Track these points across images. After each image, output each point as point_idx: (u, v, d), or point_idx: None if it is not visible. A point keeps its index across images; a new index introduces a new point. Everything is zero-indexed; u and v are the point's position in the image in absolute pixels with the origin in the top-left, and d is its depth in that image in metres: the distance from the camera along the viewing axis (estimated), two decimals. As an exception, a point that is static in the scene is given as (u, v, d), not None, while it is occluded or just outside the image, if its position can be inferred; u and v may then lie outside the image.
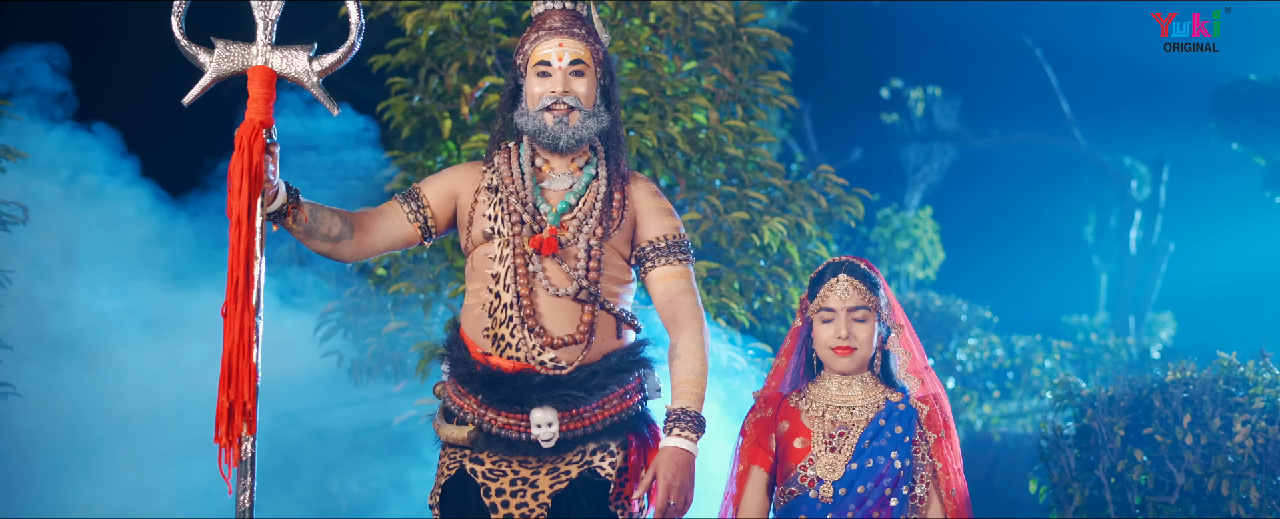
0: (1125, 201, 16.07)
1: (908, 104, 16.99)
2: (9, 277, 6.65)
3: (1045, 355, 12.00)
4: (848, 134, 17.90)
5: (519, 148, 4.07)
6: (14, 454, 6.48)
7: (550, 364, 3.94)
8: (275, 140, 3.71)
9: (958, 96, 16.98)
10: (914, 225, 15.93)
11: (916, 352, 4.04)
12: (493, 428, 3.95)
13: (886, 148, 17.44)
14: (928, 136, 17.05)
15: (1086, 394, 5.95)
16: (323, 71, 3.76)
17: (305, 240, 3.92)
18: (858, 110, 17.41)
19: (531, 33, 4.03)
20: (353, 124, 7.50)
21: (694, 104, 6.50)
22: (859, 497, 3.89)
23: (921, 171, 17.07)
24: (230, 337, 3.65)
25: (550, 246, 3.94)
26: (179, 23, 3.75)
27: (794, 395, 4.07)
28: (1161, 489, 5.71)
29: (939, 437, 3.97)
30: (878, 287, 4.01)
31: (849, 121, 17.74)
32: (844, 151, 17.98)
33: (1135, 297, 15.79)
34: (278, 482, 6.97)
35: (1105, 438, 5.74)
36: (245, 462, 3.71)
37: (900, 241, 15.85)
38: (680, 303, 4.06)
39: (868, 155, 17.95)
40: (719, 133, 6.47)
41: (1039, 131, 16.88)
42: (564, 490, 3.97)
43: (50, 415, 6.53)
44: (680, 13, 6.53)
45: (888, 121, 17.22)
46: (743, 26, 6.59)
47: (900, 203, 16.87)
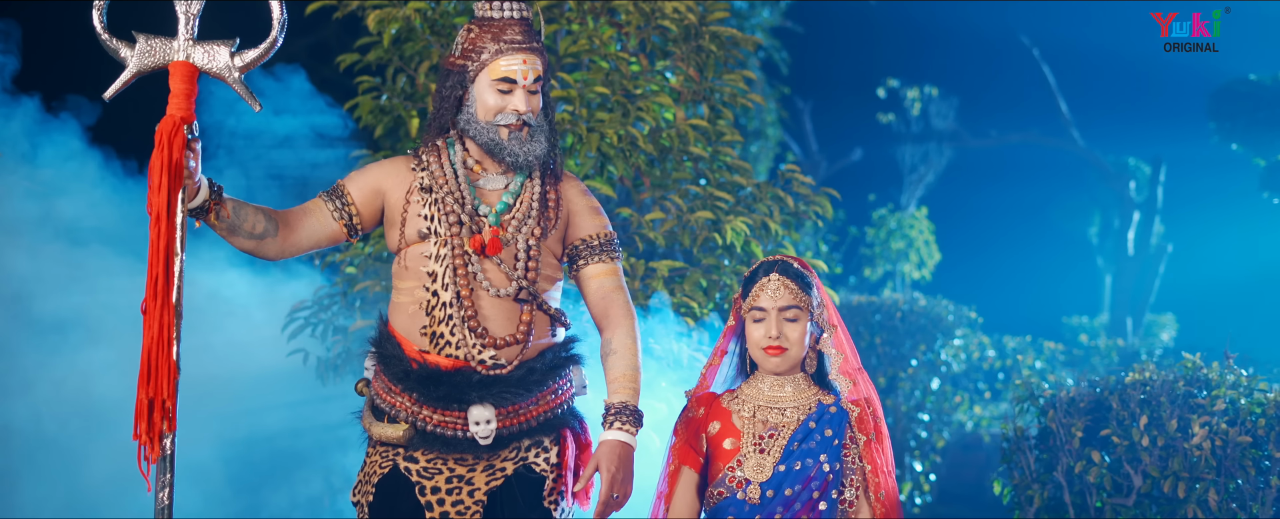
0: (1124, 202, 16.01)
1: (904, 104, 16.95)
2: None
3: (1036, 356, 11.96)
4: (847, 134, 17.87)
5: (448, 146, 4.05)
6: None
7: (489, 363, 3.96)
8: (196, 136, 3.69)
9: (955, 96, 16.94)
10: (910, 225, 15.90)
11: (849, 353, 4.01)
12: (427, 426, 3.96)
13: (884, 148, 17.40)
14: (924, 136, 17.01)
15: (1048, 395, 5.90)
16: (244, 67, 3.74)
17: (228, 237, 3.90)
18: (857, 110, 17.38)
19: (488, 40, 3.96)
20: (328, 120, 7.48)
21: (658, 103, 6.47)
22: (786, 499, 3.86)
23: (918, 172, 17.03)
24: (149, 333, 3.64)
25: (495, 248, 3.97)
26: (100, 16, 3.73)
27: (727, 395, 4.04)
28: (1120, 491, 5.67)
29: (869, 439, 3.94)
30: (811, 286, 3.98)
31: (848, 121, 17.72)
32: (844, 151, 17.95)
33: (1133, 298, 15.74)
34: (245, 480, 6.95)
35: (1064, 439, 5.71)
36: (165, 458, 3.69)
37: (895, 242, 15.80)
38: (613, 300, 4.12)
39: (868, 155, 17.92)
40: (682, 131, 6.43)
41: (1037, 131, 16.84)
42: (500, 487, 4.00)
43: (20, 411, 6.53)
44: (641, 11, 6.50)
45: (884, 121, 17.18)
46: (706, 25, 6.56)
47: (896, 203, 16.82)
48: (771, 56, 15.55)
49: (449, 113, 4.01)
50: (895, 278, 16.04)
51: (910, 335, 10.23)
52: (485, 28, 3.98)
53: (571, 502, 4.10)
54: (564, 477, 4.08)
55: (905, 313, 10.27)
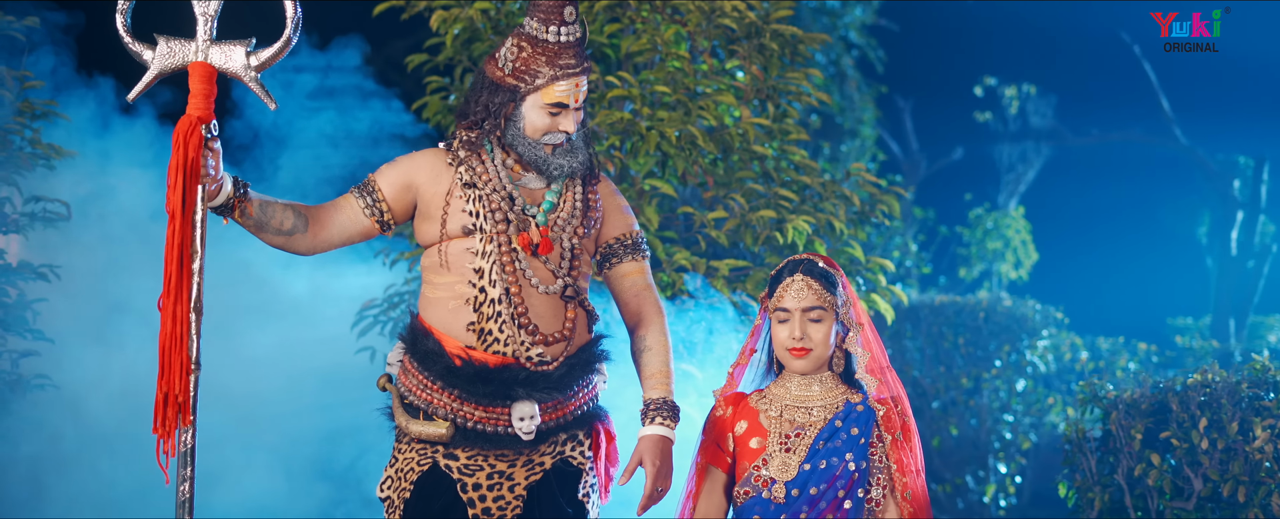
0: (1227, 201, 15.67)
1: (1002, 102, 16.73)
2: (57, 271, 6.77)
3: (1130, 358, 11.74)
4: (948, 132, 17.67)
5: (486, 147, 4.05)
6: (47, 446, 6.60)
7: (536, 359, 3.99)
8: (215, 135, 3.72)
9: (1053, 94, 16.69)
10: (1006, 225, 15.71)
11: (876, 351, 3.96)
12: (469, 422, 3.98)
13: (984, 147, 17.18)
14: (1022, 135, 16.77)
15: (1111, 397, 5.79)
16: (260, 66, 3.77)
17: (257, 234, 3.94)
18: (956, 109, 17.18)
19: (542, 64, 3.97)
20: (400, 119, 7.53)
21: (720, 101, 6.43)
22: (811, 498, 3.82)
23: (1015, 171, 16.80)
24: (165, 330, 3.68)
25: (546, 248, 4.01)
26: (124, 19, 3.77)
27: (755, 395, 4.01)
28: (1180, 495, 5.54)
29: (896, 438, 3.89)
30: (836, 286, 3.92)
31: (949, 120, 17.52)
32: (945, 150, 17.76)
33: (1236, 299, 15.40)
34: (316, 476, 7.02)
35: (1123, 442, 5.59)
36: (184, 453, 3.72)
37: (992, 242, 15.62)
38: (645, 298, 4.20)
39: (969, 154, 17.71)
40: (743, 130, 6.39)
41: (1139, 130, 16.52)
42: (538, 481, 4.05)
43: (84, 407, 6.64)
44: (701, 10, 6.46)
45: (981, 120, 16.96)
46: (769, 24, 6.51)
47: (993, 202, 16.60)
48: (866, 55, 15.43)
49: (496, 123, 4.01)
50: (991, 278, 15.83)
51: (995, 336, 10.09)
52: (539, 49, 3.97)
53: (604, 495, 4.19)
54: (598, 469, 4.17)
55: (989, 313, 10.13)
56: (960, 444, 10.10)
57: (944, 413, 10.17)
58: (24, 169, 6.69)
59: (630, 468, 3.99)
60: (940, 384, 10.19)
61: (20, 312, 6.66)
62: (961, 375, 10.04)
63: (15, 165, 6.64)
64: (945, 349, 10.23)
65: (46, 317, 6.74)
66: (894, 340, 10.54)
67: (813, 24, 14.21)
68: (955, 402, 10.10)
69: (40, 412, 6.64)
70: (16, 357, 6.61)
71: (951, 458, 10.15)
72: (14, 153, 6.63)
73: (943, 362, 10.24)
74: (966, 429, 10.05)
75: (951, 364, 10.19)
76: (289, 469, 6.87)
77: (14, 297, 6.65)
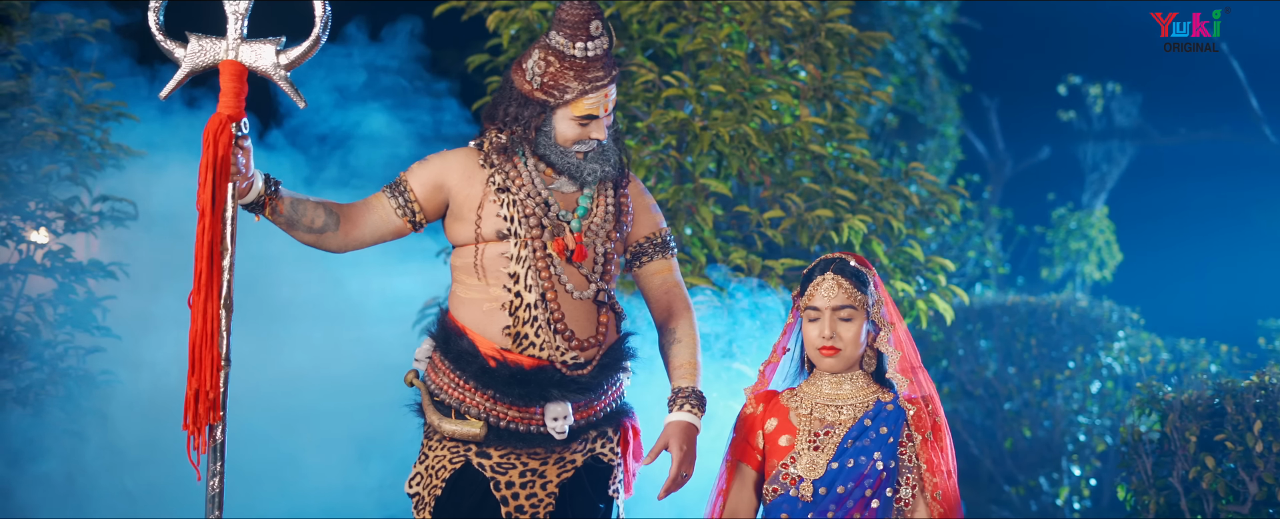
0: (1318, 201, 15.39)
1: (1086, 101, 16.51)
2: (125, 269, 6.88)
3: (1211, 360, 11.55)
4: (1033, 132, 17.47)
5: (518, 152, 4.07)
6: (113, 440, 6.70)
7: (570, 363, 4.02)
8: (246, 133, 3.76)
9: (1138, 93, 16.44)
10: (1090, 225, 15.50)
11: (908, 350, 3.93)
12: (502, 422, 4.00)
13: (1068, 146, 16.96)
14: (1107, 134, 16.55)
15: (1168, 399, 5.70)
16: (289, 65, 3.80)
17: (289, 231, 3.98)
18: (1041, 108, 16.98)
19: (571, 79, 3.98)
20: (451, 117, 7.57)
21: (776, 100, 6.41)
22: (839, 497, 3.80)
23: (1099, 170, 16.58)
24: (195, 327, 3.72)
25: (581, 255, 4.04)
26: (156, 18, 3.82)
27: (786, 393, 4.00)
28: (1236, 498, 5.45)
29: (926, 438, 3.86)
30: (867, 284, 3.90)
31: (1035, 119, 17.32)
32: (1031, 149, 17.56)
33: (1326, 301, 15.12)
34: (372, 474, 7.05)
35: (1178, 444, 5.51)
36: (214, 448, 3.77)
37: (1075, 242, 15.42)
38: (675, 294, 4.24)
39: (1054, 153, 17.50)
40: (799, 129, 6.36)
41: (1227, 128, 16.27)
42: (570, 479, 4.09)
43: (150, 403, 6.72)
44: (755, 9, 6.44)
45: (1064, 119, 16.75)
46: (825, 23, 6.48)
47: (1077, 202, 16.40)
48: (947, 54, 15.30)
49: (529, 130, 4.03)
50: (1075, 279, 15.63)
51: (1068, 337, 9.96)
52: (567, 64, 3.99)
53: (628, 490, 4.22)
54: (625, 464, 4.21)
55: (1062, 314, 10.01)
56: (1034, 446, 9.98)
57: (1017, 414, 10.06)
58: (93, 169, 6.80)
59: (655, 451, 4.01)
60: (1013, 385, 10.08)
61: (89, 309, 6.77)
62: (1034, 376, 9.92)
63: (85, 165, 6.76)
64: (1018, 350, 10.12)
65: (115, 313, 6.85)
66: (966, 341, 10.44)
67: (893, 23, 14.13)
68: (1028, 403, 9.98)
69: (109, 406, 6.76)
70: (84, 353, 6.72)
71: (1025, 460, 10.04)
72: (83, 153, 6.75)
73: (1015, 362, 10.13)
74: (1040, 431, 9.94)
75: (1024, 365, 10.07)
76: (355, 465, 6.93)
77: (82, 294, 6.77)
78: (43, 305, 6.68)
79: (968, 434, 10.59)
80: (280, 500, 6.71)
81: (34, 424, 6.52)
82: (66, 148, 6.70)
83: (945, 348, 10.81)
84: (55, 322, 6.68)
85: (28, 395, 6.57)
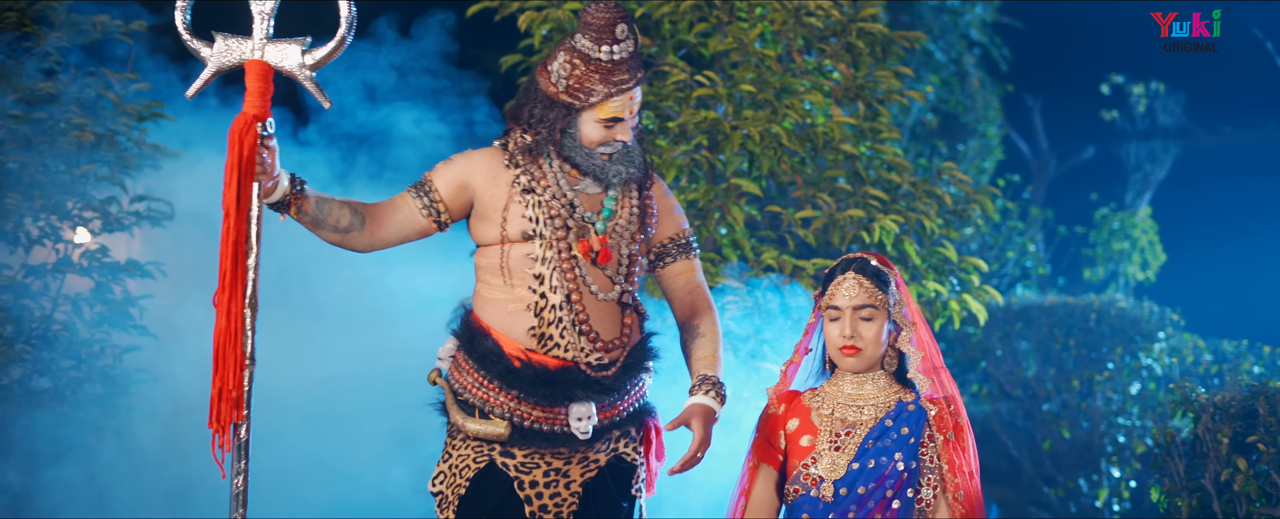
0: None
1: (1129, 100, 16.40)
2: (162, 269, 6.93)
3: (1254, 361, 11.46)
4: (1077, 131, 17.37)
5: (544, 154, 4.08)
6: (151, 438, 6.76)
7: (595, 364, 4.04)
8: (271, 133, 3.79)
9: (1182, 92, 16.32)
10: (1133, 226, 15.40)
11: (930, 351, 3.92)
12: (526, 422, 4.01)
13: (1112, 145, 16.86)
14: (1151, 134, 16.43)
15: (1201, 400, 5.66)
16: (315, 65, 3.82)
17: (314, 231, 4.00)
18: (1084, 107, 16.87)
19: (597, 82, 3.99)
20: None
21: (808, 100, 6.40)
22: (860, 497, 3.80)
23: (1143, 170, 16.46)
24: (219, 326, 3.75)
25: (605, 257, 4.05)
26: (183, 17, 3.85)
27: (808, 393, 4.00)
28: (1270, 500, 5.41)
29: (947, 438, 3.84)
30: (889, 284, 3.89)
31: (1078, 119, 17.21)
32: (1075, 149, 17.47)
33: (1375, 302, 14.99)
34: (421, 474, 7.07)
35: (1210, 446, 5.47)
36: (238, 446, 3.79)
37: (1118, 242, 15.33)
38: (699, 293, 4.27)
39: (1099, 153, 17.40)
40: (830, 129, 6.35)
41: (1273, 126, 16.14)
42: (594, 478, 4.10)
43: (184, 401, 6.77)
44: (785, 8, 6.44)
45: (1108, 119, 16.63)
46: (855, 22, 6.47)
47: (1120, 202, 16.28)
48: (989, 53, 15.24)
49: (554, 131, 4.04)
50: (1118, 279, 15.53)
51: (1107, 338, 9.91)
52: (592, 67, 3.99)
53: (649, 489, 4.24)
54: (648, 464, 4.23)
55: (1101, 314, 9.95)
56: (1073, 447, 9.94)
57: (1056, 416, 10.02)
58: (131, 169, 6.86)
59: (676, 423, 4.02)
60: (1051, 386, 10.04)
61: (126, 308, 6.83)
62: (1073, 378, 9.88)
63: (123, 166, 6.82)
64: (1057, 351, 10.07)
65: (152, 312, 6.90)
66: (1005, 342, 10.40)
67: (933, 22, 14.08)
68: (1067, 404, 9.94)
69: (145, 404, 6.81)
70: (120, 351, 6.78)
71: (1063, 461, 10.00)
72: (120, 153, 6.81)
73: (1054, 363, 10.08)
74: (1079, 432, 9.89)
75: (1063, 366, 10.02)
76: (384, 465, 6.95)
77: (119, 294, 6.82)
78: (80, 304, 6.74)
79: (1006, 435, 10.56)
80: (311, 501, 6.75)
81: (70, 421, 6.58)
82: (103, 148, 6.75)
83: (984, 349, 10.77)
84: (91, 320, 6.73)
85: (65, 393, 6.64)
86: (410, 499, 6.86)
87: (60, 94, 6.66)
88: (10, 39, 6.75)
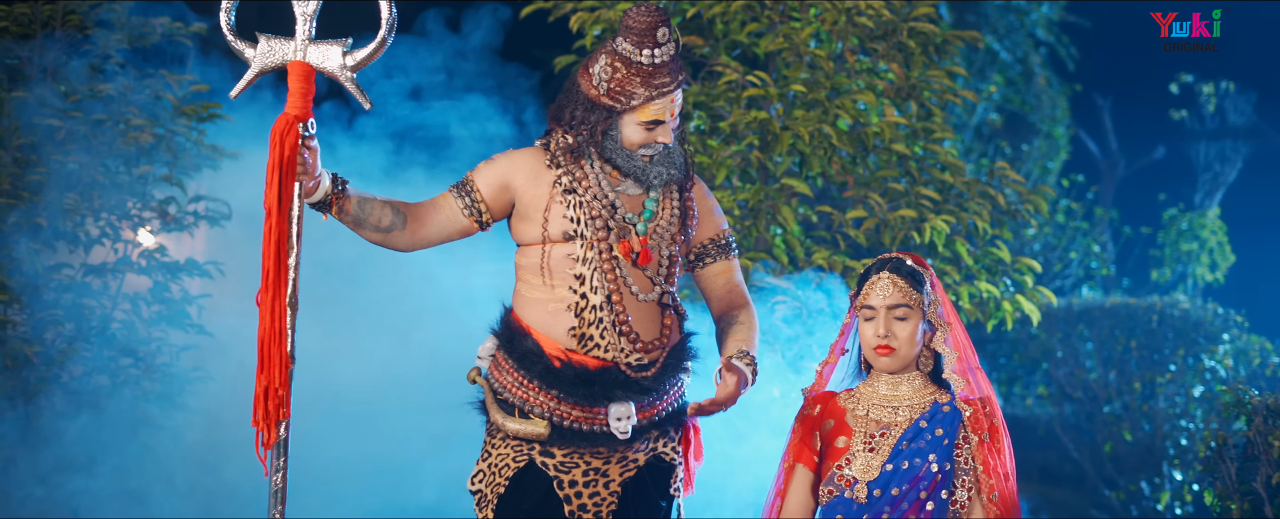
0: None
1: (1199, 100, 16.22)
2: (221, 268, 7.02)
3: (1324, 363, 11.32)
4: (1148, 131, 17.20)
5: (584, 152, 4.10)
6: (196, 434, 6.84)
7: (635, 364, 4.06)
8: (313, 134, 3.82)
9: (1253, 91, 16.13)
10: (1201, 227, 15.24)
11: (965, 351, 3.90)
12: (565, 422, 4.04)
13: (1181, 145, 16.68)
14: (1221, 133, 16.24)
15: (1254, 403, 5.61)
16: (355, 66, 3.85)
17: (356, 230, 4.04)
18: (1154, 107, 16.71)
19: (638, 85, 4.01)
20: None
21: (860, 100, 6.40)
22: (893, 499, 3.79)
23: (1212, 170, 16.27)
24: (263, 325, 3.79)
25: (645, 258, 4.07)
26: (227, 18, 3.90)
27: (844, 394, 3.99)
28: (1322, 505, 5.36)
29: (982, 439, 3.83)
30: (924, 284, 3.89)
31: (1148, 119, 17.05)
32: (1146, 149, 17.31)
33: None
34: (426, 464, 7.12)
35: (1261, 449, 5.42)
36: (279, 444, 3.84)
37: (1186, 243, 15.17)
38: (737, 292, 4.29)
39: (1170, 153, 17.24)
40: (880, 129, 6.34)
41: (1348, 126, 15.95)
42: (633, 478, 4.12)
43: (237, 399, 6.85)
44: (836, 8, 6.43)
45: (1176, 118, 16.45)
46: (908, 22, 6.45)
47: (1189, 203, 16.10)
48: (1056, 52, 15.12)
49: (595, 132, 4.06)
50: (1186, 281, 15.37)
51: (1170, 340, 9.81)
52: (633, 70, 4.01)
53: (688, 488, 4.25)
54: (686, 463, 4.24)
55: (1163, 316, 9.85)
56: (1134, 450, 9.85)
57: (1117, 418, 9.93)
58: (190, 170, 6.95)
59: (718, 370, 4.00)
60: (1113, 388, 9.96)
61: (183, 307, 6.92)
62: (1135, 379, 9.79)
63: (182, 167, 6.91)
64: (1118, 352, 9.99)
65: (211, 311, 6.99)
66: (1065, 343, 10.33)
67: (998, 21, 14.00)
68: (1128, 406, 9.85)
69: (201, 401, 6.90)
70: (177, 350, 6.87)
71: (1125, 464, 9.92)
72: (179, 154, 6.90)
73: (1115, 365, 10.00)
74: (1140, 434, 9.80)
75: (1124, 368, 9.94)
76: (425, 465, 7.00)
77: (177, 293, 6.91)
78: (139, 303, 6.83)
79: (1067, 437, 10.48)
80: (351, 501, 6.81)
81: (128, 418, 6.68)
82: (162, 148, 6.85)
83: (1044, 350, 10.70)
84: (150, 319, 6.83)
85: (122, 390, 6.73)
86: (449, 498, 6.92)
87: (119, 95, 6.76)
88: (71, 42, 6.86)
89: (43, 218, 6.50)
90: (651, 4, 4.04)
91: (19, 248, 6.46)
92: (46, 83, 6.78)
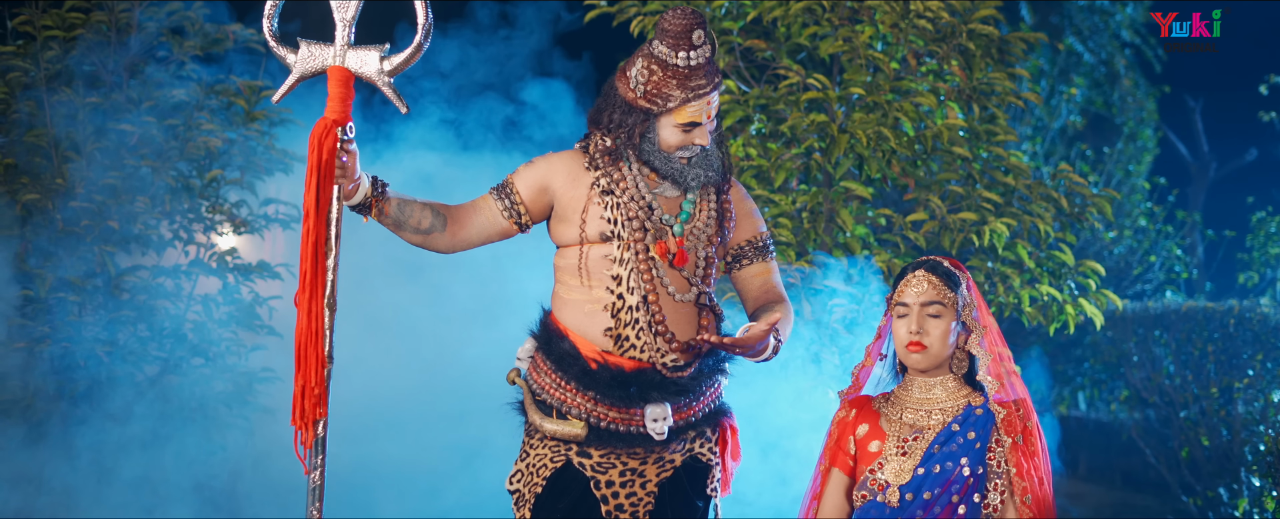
0: None
1: (1290, 101, 15.97)
2: (291, 270, 7.13)
3: None
4: (1239, 133, 16.96)
5: (622, 155, 4.14)
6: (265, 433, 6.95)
7: (670, 365, 4.10)
8: (351, 137, 3.89)
9: (1343, 91, 15.88)
10: (1290, 230, 14.98)
11: (1000, 354, 3.89)
12: (602, 423, 4.08)
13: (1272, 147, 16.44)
14: (1311, 135, 15.99)
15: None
16: (393, 71, 3.92)
17: (396, 232, 4.11)
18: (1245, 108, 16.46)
19: (674, 88, 4.05)
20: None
21: (920, 102, 6.38)
22: (925, 502, 3.79)
23: (1301, 172, 16.03)
24: (301, 326, 3.86)
25: (682, 259, 4.11)
26: (270, 24, 3.98)
27: (879, 398, 4.00)
28: (1381, 511, 5.27)
29: (1016, 441, 3.82)
30: (959, 285, 3.89)
31: (1238, 120, 16.80)
32: (1238, 151, 17.07)
33: None
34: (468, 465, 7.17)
35: (1317, 454, 5.35)
36: (317, 442, 3.90)
37: (1275, 247, 14.91)
38: (774, 292, 4.30)
39: (1261, 155, 16.98)
40: (940, 132, 6.32)
41: None
42: (670, 478, 4.16)
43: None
44: (894, 10, 6.42)
45: (1265, 120, 16.19)
46: (966, 23, 6.43)
47: (1278, 206, 15.84)
48: (1142, 54, 14.96)
49: (634, 135, 4.10)
50: (1276, 285, 15.10)
51: (1249, 344, 9.66)
52: (670, 73, 4.05)
53: (725, 489, 4.28)
54: (723, 464, 4.26)
55: (1240, 320, 9.70)
56: (1212, 455, 9.71)
57: (1194, 423, 9.80)
58: (262, 174, 7.08)
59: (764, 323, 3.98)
60: (1190, 393, 9.83)
61: (254, 308, 7.04)
62: (1212, 384, 9.65)
63: (254, 171, 7.04)
64: (1195, 357, 9.86)
65: (280, 313, 7.10)
66: (1141, 347, 10.22)
67: (1083, 23, 13.88)
68: (1206, 411, 9.72)
69: (270, 401, 7.01)
70: (247, 350, 6.98)
71: (1202, 470, 9.78)
72: (252, 159, 7.03)
73: (1192, 369, 9.87)
74: (1218, 440, 9.66)
75: (1201, 372, 9.80)
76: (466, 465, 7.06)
77: (248, 295, 7.03)
78: (210, 305, 6.96)
79: (1144, 442, 10.36)
80: (390, 501, 6.88)
81: (199, 417, 6.79)
82: (235, 153, 6.97)
83: (1120, 354, 10.58)
84: (221, 320, 6.95)
85: (196, 389, 6.86)
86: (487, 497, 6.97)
87: (191, 101, 6.89)
88: (146, 48, 7.00)
89: (115, 220, 6.64)
90: (687, 7, 4.07)
91: (91, 250, 6.60)
92: (122, 89, 6.93)
